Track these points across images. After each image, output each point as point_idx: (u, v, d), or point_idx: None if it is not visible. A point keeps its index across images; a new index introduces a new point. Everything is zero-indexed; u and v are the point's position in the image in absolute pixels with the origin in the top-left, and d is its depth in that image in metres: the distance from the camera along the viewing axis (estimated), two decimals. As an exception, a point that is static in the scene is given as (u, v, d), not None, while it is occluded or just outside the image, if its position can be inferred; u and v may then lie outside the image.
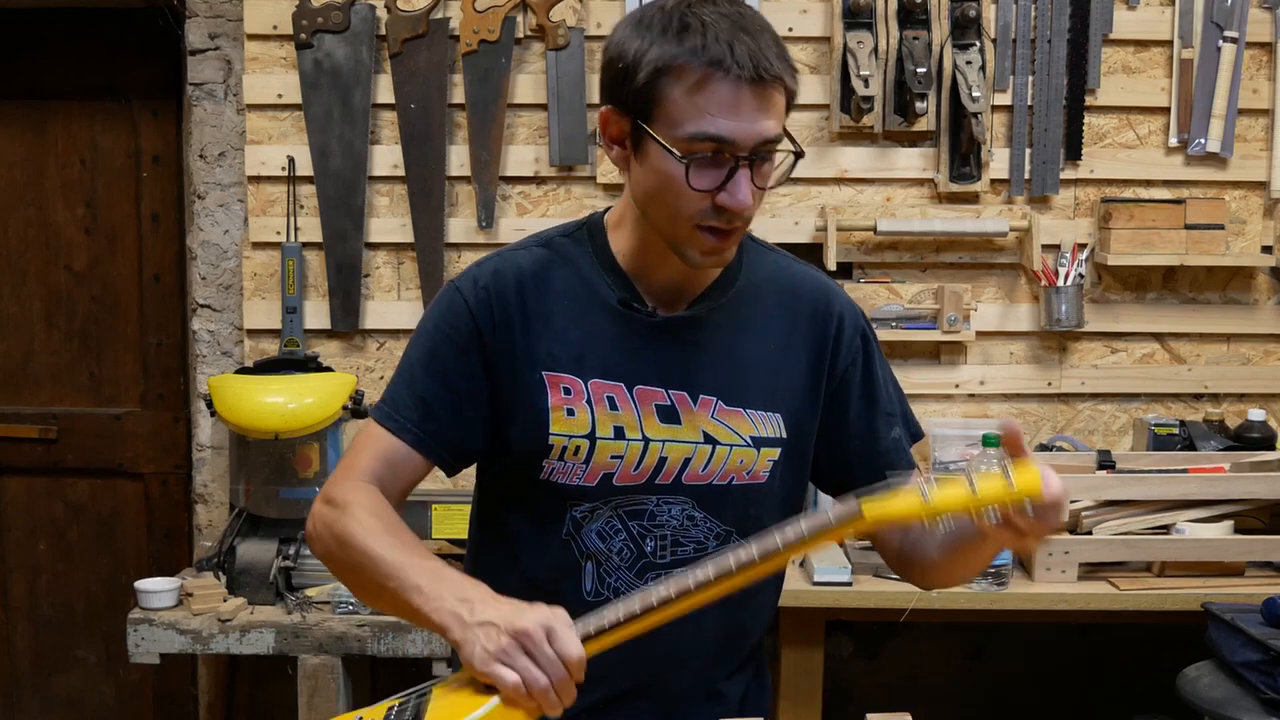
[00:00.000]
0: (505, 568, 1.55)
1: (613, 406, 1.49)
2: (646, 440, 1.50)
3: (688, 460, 1.51)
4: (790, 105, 1.45)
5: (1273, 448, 2.99)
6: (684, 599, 1.33)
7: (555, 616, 1.30)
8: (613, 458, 1.50)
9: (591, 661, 1.36)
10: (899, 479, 1.34)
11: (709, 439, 1.51)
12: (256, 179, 3.20)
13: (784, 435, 1.55)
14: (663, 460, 1.50)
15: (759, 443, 1.53)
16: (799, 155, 1.44)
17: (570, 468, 1.50)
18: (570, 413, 1.49)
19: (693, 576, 1.32)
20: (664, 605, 1.32)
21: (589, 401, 1.49)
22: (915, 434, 1.64)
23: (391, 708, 1.43)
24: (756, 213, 1.46)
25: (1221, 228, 3.17)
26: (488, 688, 1.31)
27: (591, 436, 1.49)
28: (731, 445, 1.52)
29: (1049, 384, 3.27)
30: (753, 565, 1.32)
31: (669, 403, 1.51)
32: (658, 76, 1.38)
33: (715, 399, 1.51)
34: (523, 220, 3.19)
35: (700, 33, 1.37)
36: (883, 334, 3.16)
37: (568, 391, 1.49)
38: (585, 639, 1.31)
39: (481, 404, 1.52)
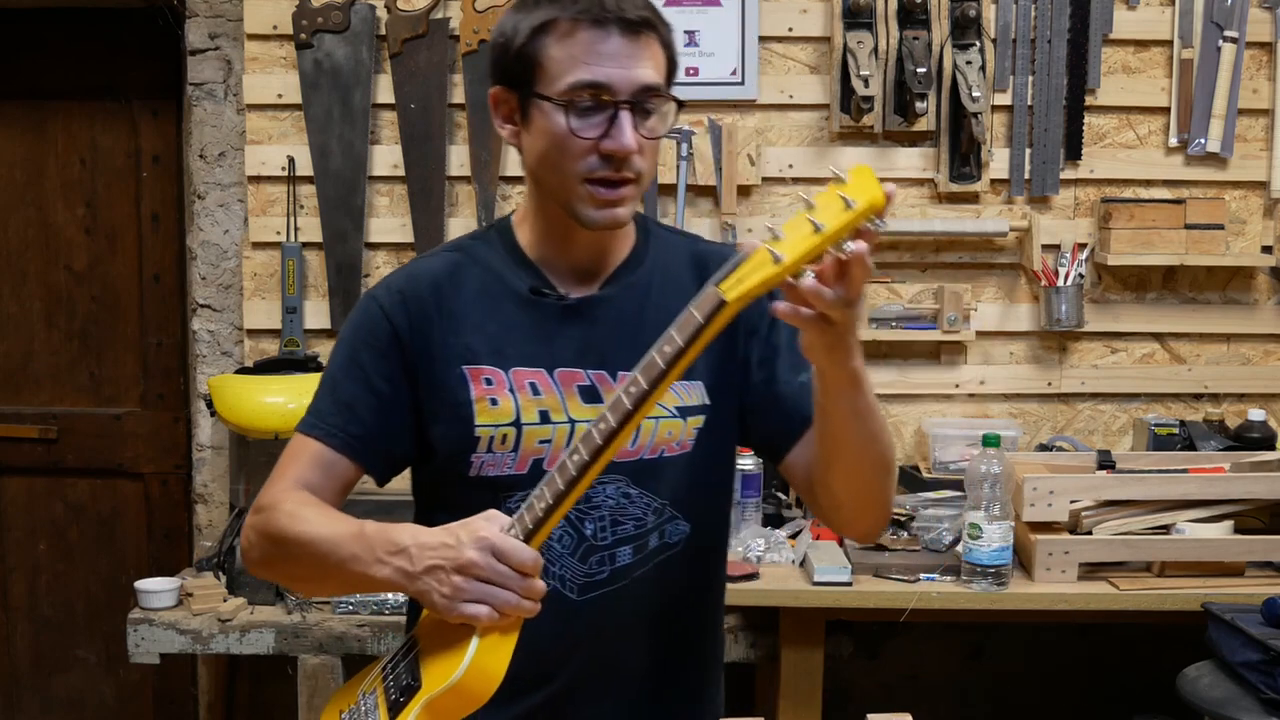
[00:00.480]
0: None
1: (535, 392, 1.51)
2: (572, 422, 1.51)
3: None
4: (672, 65, 1.50)
5: (1273, 448, 2.99)
6: (600, 456, 1.31)
7: (490, 530, 1.30)
8: (540, 442, 1.51)
9: (543, 653, 1.41)
10: (741, 255, 1.25)
11: None
12: (256, 179, 3.21)
13: (707, 402, 1.56)
14: None
15: (684, 412, 1.54)
16: (680, 104, 1.48)
17: (500, 458, 1.50)
18: (494, 402, 1.50)
19: (597, 430, 1.31)
20: (584, 470, 1.31)
21: (511, 390, 1.51)
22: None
23: (386, 673, 1.45)
24: (653, 171, 1.48)
25: (1221, 228, 3.17)
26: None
27: (517, 423, 1.50)
28: (658, 418, 1.53)
29: (1049, 384, 3.27)
30: (647, 394, 1.29)
31: (589, 383, 1.52)
32: (533, 39, 1.45)
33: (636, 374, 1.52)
34: (523, 220, 3.18)
35: None
36: (883, 334, 3.16)
37: (489, 382, 1.51)
38: (530, 538, 1.30)
39: (404, 406, 1.53)
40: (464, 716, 1.35)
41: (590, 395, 1.53)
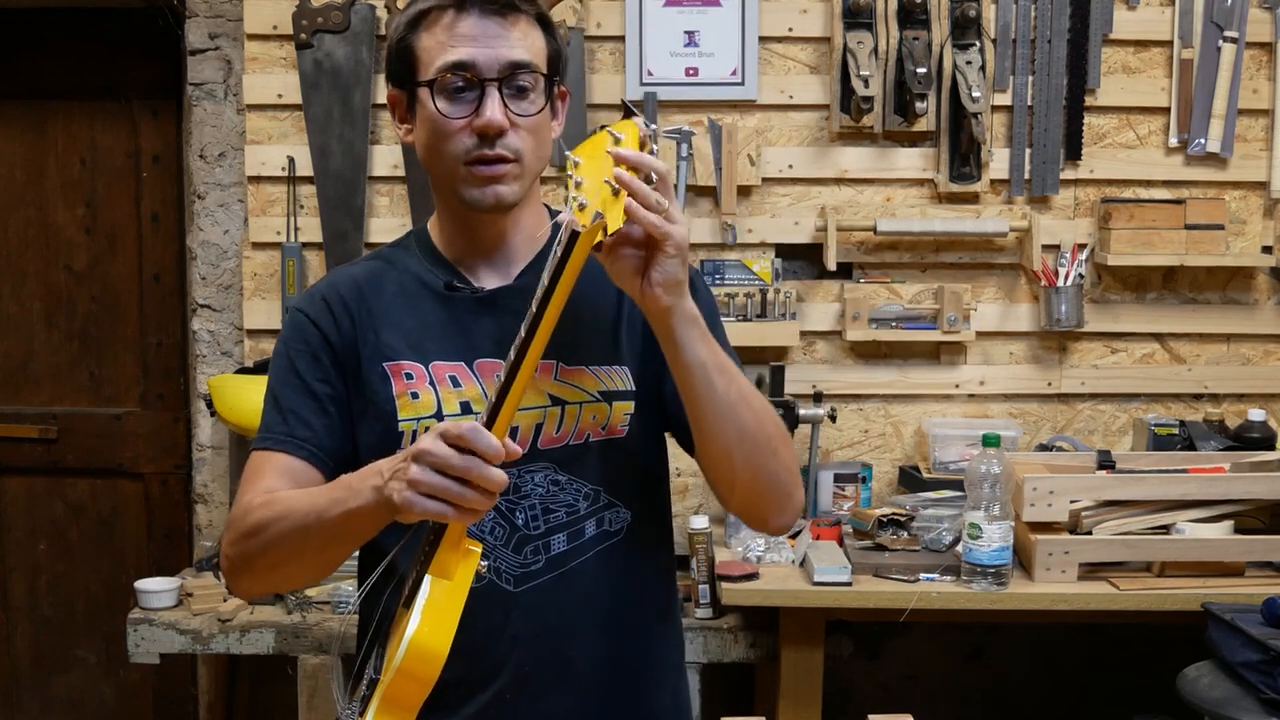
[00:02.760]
0: (386, 581, 1.53)
1: (455, 384, 1.52)
2: None
3: (539, 426, 1.52)
4: (555, 51, 1.53)
5: (1273, 448, 2.99)
6: (535, 339, 1.31)
7: (442, 425, 1.30)
8: None
9: (486, 648, 1.44)
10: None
11: (556, 400, 1.53)
12: (256, 179, 3.21)
13: (633, 387, 1.56)
14: (514, 429, 1.50)
15: (609, 396, 1.55)
16: (547, 77, 1.50)
17: None
18: (415, 396, 1.51)
19: (525, 323, 1.33)
20: (521, 354, 1.31)
21: (432, 383, 1.52)
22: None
23: (370, 663, 1.48)
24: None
25: (1221, 228, 3.17)
26: (435, 533, 1.34)
27: (439, 415, 1.51)
28: (580, 403, 1.53)
29: (1049, 384, 3.27)
30: (546, 297, 1.31)
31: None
32: (408, 33, 1.50)
33: (555, 361, 1.53)
34: (523, 220, 3.18)
35: None
36: (883, 334, 3.16)
37: (410, 377, 1.53)
38: (491, 422, 1.30)
39: (343, 407, 1.55)
40: (419, 699, 1.35)
41: None
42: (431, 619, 1.32)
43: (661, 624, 1.66)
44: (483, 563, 1.37)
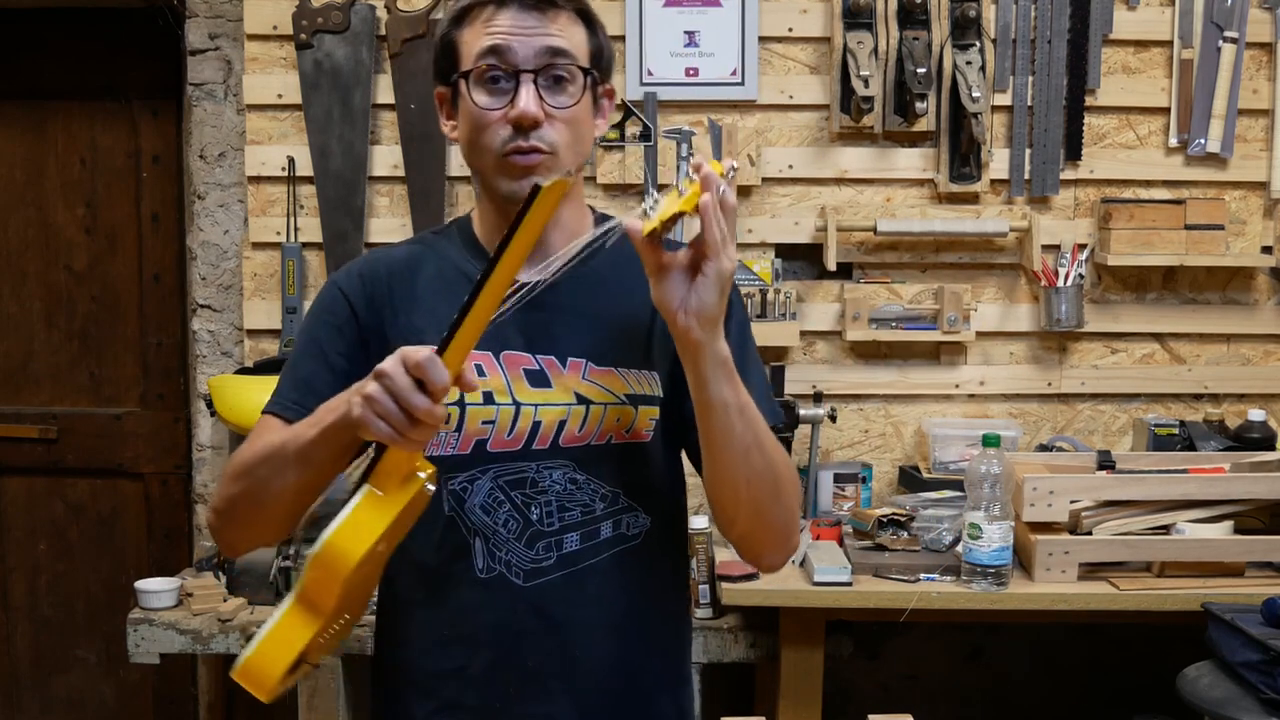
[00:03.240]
0: (396, 560, 1.53)
1: (480, 373, 1.51)
2: (517, 405, 1.51)
3: (563, 423, 1.52)
4: (598, 48, 1.52)
5: (1273, 448, 2.99)
6: (500, 268, 1.29)
7: (412, 347, 1.29)
8: (484, 423, 1.51)
9: (491, 638, 1.47)
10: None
11: (582, 399, 1.52)
12: (256, 179, 3.21)
13: (661, 394, 1.56)
14: (537, 424, 1.51)
15: (635, 400, 1.54)
16: (586, 72, 1.50)
17: (443, 437, 1.51)
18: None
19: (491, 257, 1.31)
20: (485, 277, 1.29)
21: None
22: (775, 413, 1.58)
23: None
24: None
25: (1221, 228, 3.17)
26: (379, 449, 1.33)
27: (460, 403, 1.50)
28: (606, 404, 1.52)
29: (1049, 384, 3.27)
30: (504, 245, 1.30)
31: (537, 367, 1.52)
32: (450, 30, 1.52)
33: (585, 360, 1.53)
34: (523, 220, 3.18)
35: None
36: (883, 334, 3.16)
37: None
38: (441, 351, 1.29)
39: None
40: (330, 600, 1.32)
41: (538, 379, 1.52)
42: (352, 523, 1.31)
43: (671, 633, 1.66)
44: (429, 486, 1.34)
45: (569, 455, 1.52)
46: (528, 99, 1.45)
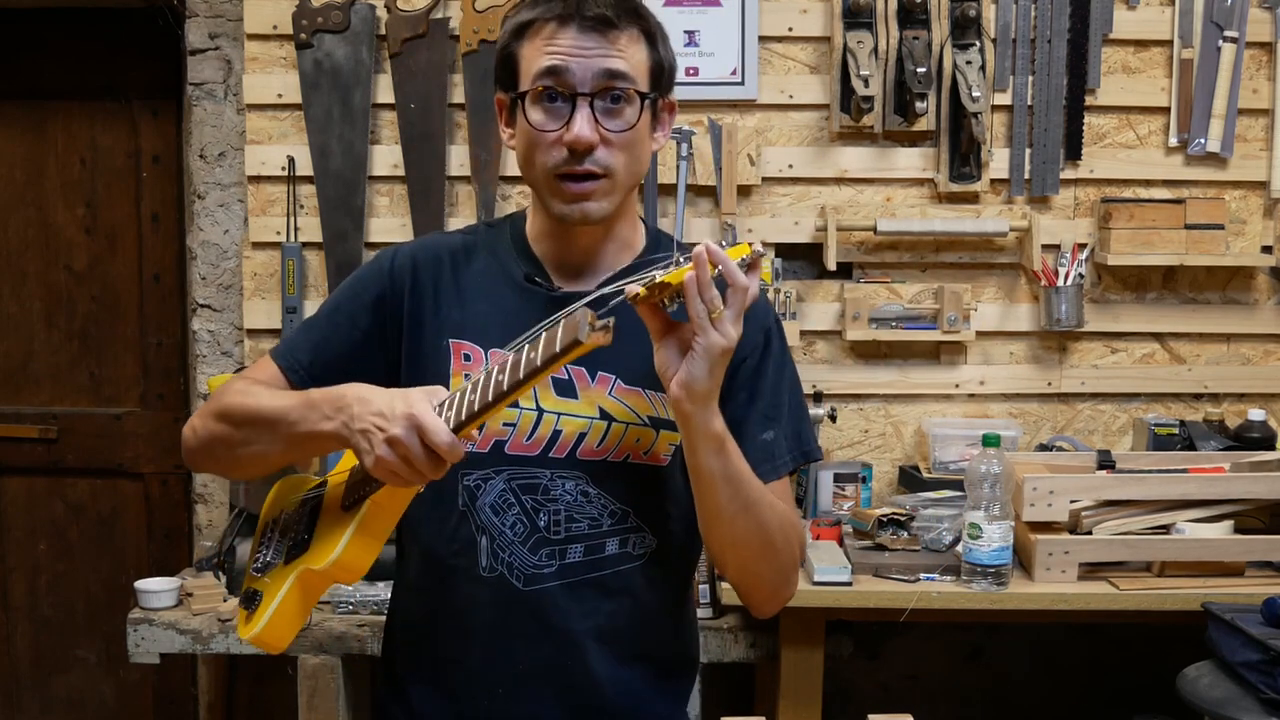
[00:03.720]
0: (409, 543, 1.61)
1: None
2: (540, 411, 1.53)
3: (583, 435, 1.53)
4: (659, 66, 1.52)
5: (1273, 448, 2.99)
6: (527, 386, 1.34)
7: (421, 408, 1.34)
8: (505, 425, 1.53)
9: (486, 638, 1.50)
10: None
11: (605, 415, 1.53)
12: (256, 179, 3.21)
13: None
14: (557, 433, 1.52)
15: (658, 424, 1.54)
16: (644, 96, 1.49)
17: None
18: (468, 378, 1.52)
19: (537, 351, 1.33)
20: (514, 389, 1.34)
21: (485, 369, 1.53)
22: (805, 452, 1.60)
23: (300, 507, 1.57)
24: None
25: (1221, 228, 3.17)
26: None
27: None
28: (628, 423, 1.53)
29: (1049, 384, 3.27)
30: (534, 372, 1.33)
31: (566, 376, 1.53)
32: (512, 41, 1.51)
33: (614, 377, 1.53)
34: (523, 220, 3.18)
35: None
36: (883, 334, 3.16)
37: (468, 358, 1.55)
38: (457, 429, 1.35)
39: (374, 363, 1.57)
40: (322, 592, 1.53)
41: (565, 389, 1.54)
42: (364, 539, 1.44)
43: (667, 653, 1.65)
44: (421, 487, 1.43)
45: (584, 468, 1.53)
46: (583, 123, 1.45)
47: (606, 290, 1.35)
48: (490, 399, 1.33)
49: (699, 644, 1.74)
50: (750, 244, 1.36)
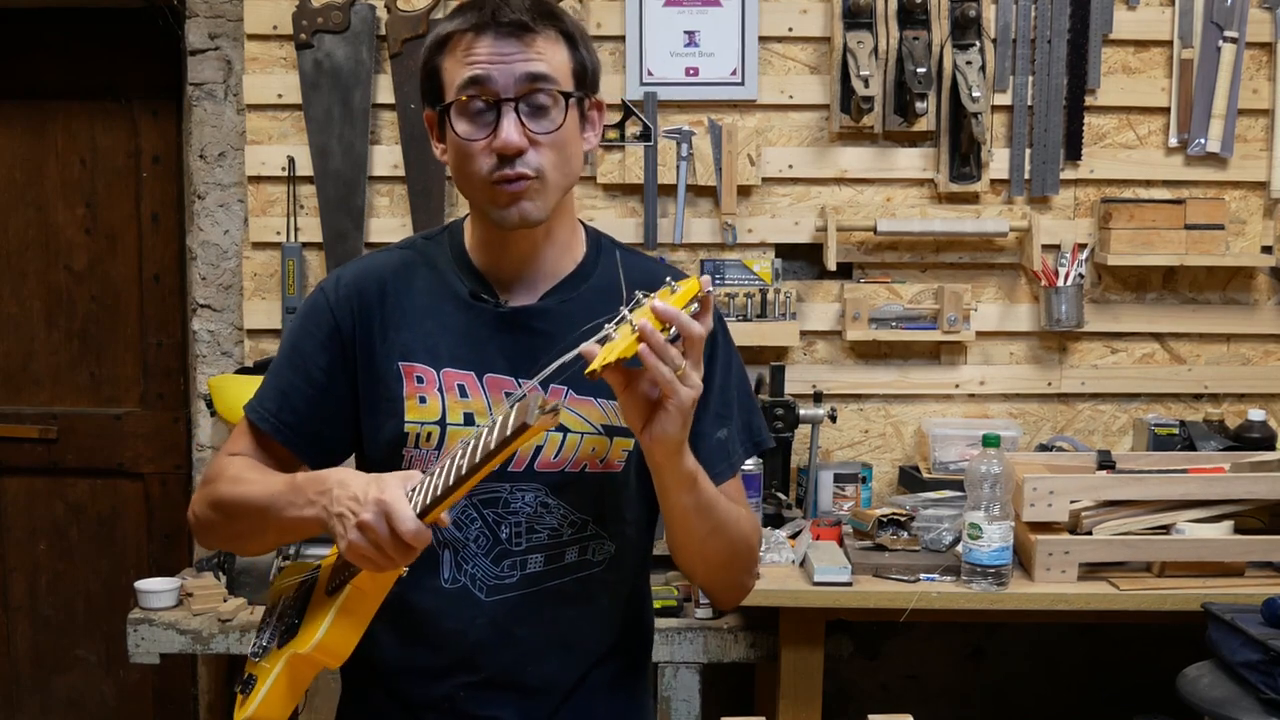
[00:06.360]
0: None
1: (463, 394, 1.53)
2: None
3: (539, 448, 1.53)
4: (582, 65, 1.52)
5: (1273, 448, 2.99)
6: (483, 472, 1.34)
7: (392, 494, 1.35)
8: (461, 444, 1.52)
9: (448, 646, 1.52)
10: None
11: (560, 426, 1.53)
12: (256, 179, 3.21)
13: None
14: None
15: (611, 431, 1.55)
16: (568, 96, 1.49)
17: (424, 454, 1.53)
18: (422, 400, 1.53)
19: (492, 434, 1.33)
20: (470, 474, 1.34)
21: (440, 389, 1.54)
22: (757, 443, 1.63)
23: (297, 592, 1.60)
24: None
25: (1221, 228, 3.17)
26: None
27: (442, 423, 1.53)
28: (583, 433, 1.54)
29: (1049, 384, 3.27)
30: (488, 457, 1.33)
31: (522, 394, 1.52)
32: (434, 57, 1.51)
33: (566, 388, 1.53)
34: (523, 220, 3.18)
35: (463, 9, 1.50)
36: (883, 334, 3.16)
37: (420, 380, 1.54)
38: (424, 514, 1.36)
39: (341, 398, 1.58)
40: (313, 677, 1.55)
41: None
42: (347, 620, 1.47)
43: (629, 652, 1.67)
44: (404, 570, 1.44)
45: (542, 480, 1.54)
46: (509, 128, 1.45)
47: (565, 359, 1.36)
48: (451, 483, 1.33)
49: (654, 629, 1.75)
50: (699, 277, 1.35)
